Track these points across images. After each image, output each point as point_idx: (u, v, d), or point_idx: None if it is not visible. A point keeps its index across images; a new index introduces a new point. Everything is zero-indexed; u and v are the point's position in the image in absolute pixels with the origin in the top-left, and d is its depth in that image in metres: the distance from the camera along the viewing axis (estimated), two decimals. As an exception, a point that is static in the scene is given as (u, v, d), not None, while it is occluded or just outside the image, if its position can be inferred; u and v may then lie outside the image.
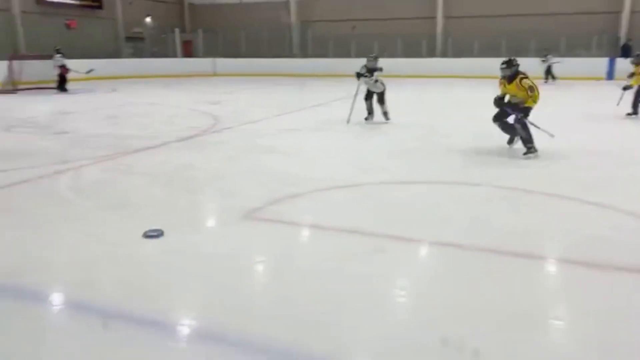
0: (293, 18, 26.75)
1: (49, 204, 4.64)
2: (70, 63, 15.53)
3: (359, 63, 9.58)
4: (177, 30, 25.99)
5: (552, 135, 6.67)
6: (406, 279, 3.25)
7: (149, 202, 4.77)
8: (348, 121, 9.14)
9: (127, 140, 7.77)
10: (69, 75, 15.34)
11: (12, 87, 14.78)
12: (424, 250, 3.76)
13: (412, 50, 23.72)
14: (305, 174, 5.73)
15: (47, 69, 15.46)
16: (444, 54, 24.23)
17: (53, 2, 22.27)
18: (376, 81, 9.05)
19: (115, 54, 24.27)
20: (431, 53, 24.20)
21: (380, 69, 9.11)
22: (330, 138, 8.24)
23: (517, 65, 6.49)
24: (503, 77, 6.52)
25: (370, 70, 9.04)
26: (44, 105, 12.59)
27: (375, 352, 2.40)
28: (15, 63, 15.27)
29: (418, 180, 5.55)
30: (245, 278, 3.23)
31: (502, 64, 6.49)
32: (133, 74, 21.77)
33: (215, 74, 24.48)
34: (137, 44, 25.88)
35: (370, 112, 9.38)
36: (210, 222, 4.54)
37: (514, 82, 6.40)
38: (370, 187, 5.27)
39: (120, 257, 3.44)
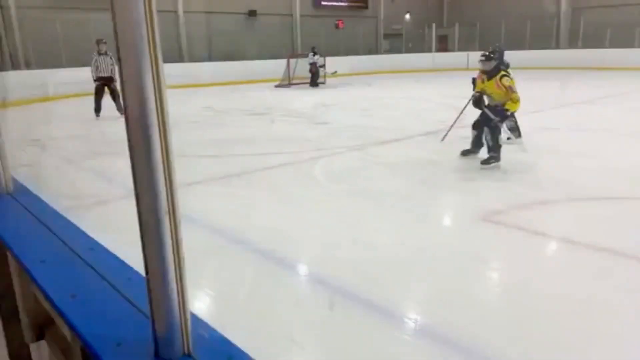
0: (563, 6, 24.12)
1: (302, 185, 5.25)
2: (324, 61, 17.23)
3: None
4: (433, 25, 26.20)
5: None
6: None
7: (388, 192, 4.93)
8: (442, 139, 7.00)
9: (377, 132, 8.18)
10: (322, 72, 17.06)
11: (288, 82, 17.14)
12: None
13: None
14: (560, 179, 5.12)
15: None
16: None
17: (328, 5, 24.90)
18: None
19: (374, 50, 25.87)
20: None
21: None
22: (594, 140, 7.18)
23: (501, 58, 5.54)
24: (483, 72, 5.64)
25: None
26: (309, 98, 14.22)
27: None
28: (292, 61, 17.63)
29: None
30: (475, 283, 3.06)
31: (482, 55, 5.50)
32: (389, 69, 22.86)
33: (468, 68, 23.86)
34: (394, 40, 27.05)
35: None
36: (446, 219, 4.46)
37: (494, 79, 5.52)
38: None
39: (358, 241, 3.65)
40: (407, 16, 27.45)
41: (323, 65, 17.21)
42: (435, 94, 13.94)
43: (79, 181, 5.61)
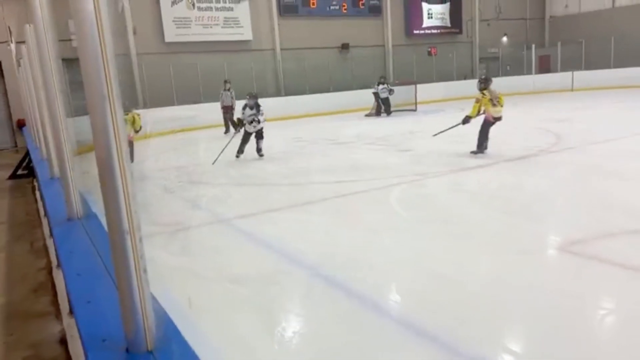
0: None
1: (375, 212, 5.30)
2: (388, 90, 17.16)
3: None
4: (533, 46, 25.08)
5: None
6: None
7: (461, 220, 4.83)
8: (214, 162, 8.72)
9: (460, 158, 8.02)
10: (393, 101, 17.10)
11: (376, 111, 17.33)
12: None
13: None
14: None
15: (407, 94, 17.58)
16: None
17: (420, 34, 24.89)
18: (252, 122, 8.97)
19: (469, 75, 25.26)
20: None
21: (255, 108, 8.87)
22: None
23: None
24: None
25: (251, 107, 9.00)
26: (397, 126, 14.23)
27: None
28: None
29: None
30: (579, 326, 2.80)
31: None
32: (484, 93, 22.13)
33: (572, 89, 22.42)
34: (490, 64, 26.22)
35: (241, 151, 9.21)
36: (521, 249, 4.23)
37: None
38: None
39: (424, 270, 3.63)
40: (504, 39, 26.57)
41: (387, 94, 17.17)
42: (528, 117, 13.29)
43: (170, 208, 6.15)
